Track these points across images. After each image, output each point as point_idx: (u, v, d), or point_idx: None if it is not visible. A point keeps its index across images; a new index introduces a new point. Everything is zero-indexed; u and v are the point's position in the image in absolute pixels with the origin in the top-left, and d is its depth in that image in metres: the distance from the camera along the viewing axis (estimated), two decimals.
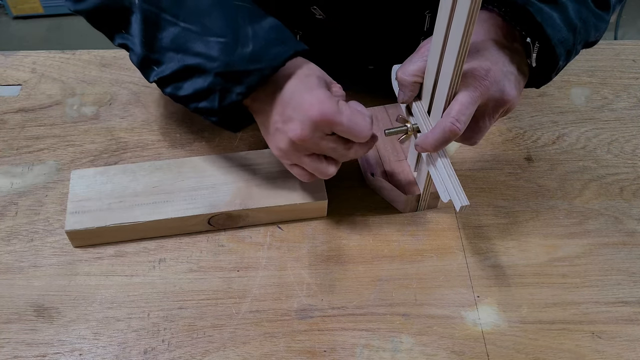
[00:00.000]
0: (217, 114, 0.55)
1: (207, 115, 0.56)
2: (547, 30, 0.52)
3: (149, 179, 0.60)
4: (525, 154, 0.68)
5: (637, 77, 0.79)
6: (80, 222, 0.56)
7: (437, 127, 0.51)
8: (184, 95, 0.55)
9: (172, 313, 0.54)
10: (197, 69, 0.53)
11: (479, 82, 0.51)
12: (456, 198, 0.50)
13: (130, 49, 0.56)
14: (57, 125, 0.69)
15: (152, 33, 0.54)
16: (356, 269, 0.57)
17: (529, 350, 0.52)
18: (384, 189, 0.62)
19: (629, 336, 0.53)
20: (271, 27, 0.53)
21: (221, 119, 0.56)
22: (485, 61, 0.52)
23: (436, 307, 0.55)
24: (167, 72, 0.54)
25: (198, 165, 0.62)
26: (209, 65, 0.52)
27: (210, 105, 0.54)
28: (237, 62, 0.52)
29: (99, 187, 0.59)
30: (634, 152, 0.69)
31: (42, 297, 0.54)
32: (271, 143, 0.55)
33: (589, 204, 0.64)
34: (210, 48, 0.52)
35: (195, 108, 0.55)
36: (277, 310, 0.54)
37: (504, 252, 0.59)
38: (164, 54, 0.54)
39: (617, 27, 2.23)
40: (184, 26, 0.53)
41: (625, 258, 0.59)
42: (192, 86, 0.54)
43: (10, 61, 0.77)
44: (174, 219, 0.57)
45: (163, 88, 0.56)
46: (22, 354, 0.51)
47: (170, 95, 0.56)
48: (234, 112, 0.56)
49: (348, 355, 0.51)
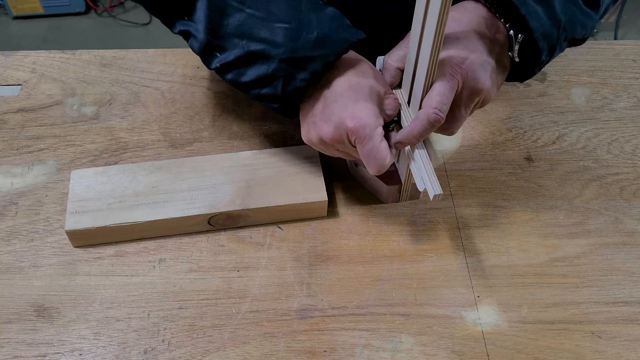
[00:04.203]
0: (279, 100, 0.55)
1: (269, 102, 0.56)
2: (531, 23, 0.52)
3: (148, 179, 0.60)
4: (525, 154, 0.68)
5: (637, 77, 0.79)
6: (80, 222, 0.56)
7: (420, 118, 0.51)
8: (246, 81, 0.55)
9: (172, 313, 0.54)
10: (262, 55, 0.53)
11: (455, 71, 0.51)
12: (430, 187, 0.51)
13: (193, 35, 0.56)
14: (57, 125, 0.69)
15: (218, 19, 0.54)
16: (356, 269, 0.57)
17: (529, 350, 0.52)
18: (366, 179, 0.63)
19: (629, 336, 0.53)
20: (333, 14, 0.54)
21: (283, 105, 0.56)
22: (463, 50, 0.52)
23: (436, 307, 0.55)
24: (230, 58, 0.54)
25: (198, 165, 0.62)
26: (274, 52, 0.53)
27: (273, 92, 0.54)
28: (302, 47, 0.52)
29: (99, 187, 0.59)
30: (634, 152, 0.69)
31: (42, 297, 0.54)
32: (304, 130, 0.57)
33: (589, 204, 0.64)
34: (275, 34, 0.53)
35: (257, 95, 0.56)
36: (277, 310, 0.54)
37: (504, 252, 0.59)
38: (228, 40, 0.54)
39: (617, 27, 2.23)
40: (250, 12, 0.54)
41: (625, 258, 0.59)
42: (255, 72, 0.54)
43: (10, 61, 0.77)
44: (174, 219, 0.57)
45: (224, 74, 0.57)
46: (22, 354, 0.51)
47: (231, 81, 0.56)
48: (296, 99, 0.56)
49: (348, 355, 0.51)
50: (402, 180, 0.60)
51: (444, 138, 0.69)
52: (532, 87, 0.77)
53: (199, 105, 0.72)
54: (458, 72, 0.51)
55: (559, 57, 0.81)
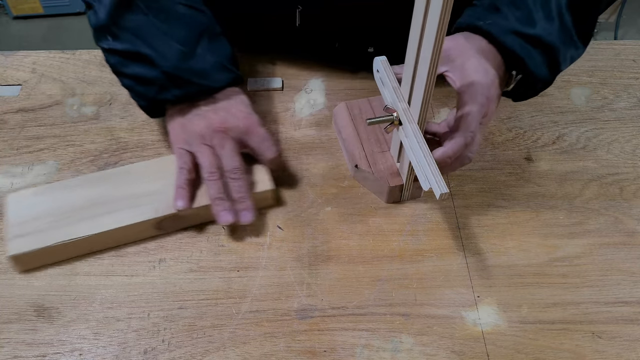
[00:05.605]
0: (148, 101, 0.61)
1: (138, 98, 0.62)
2: (530, 66, 0.57)
3: (89, 192, 0.59)
4: (525, 154, 0.68)
5: (637, 77, 0.79)
6: (23, 246, 0.54)
7: (458, 139, 0.54)
8: (126, 72, 0.60)
9: (172, 313, 0.54)
10: (149, 60, 0.58)
11: (483, 98, 0.54)
12: (436, 186, 0.51)
13: (94, 10, 0.58)
14: (57, 125, 0.69)
15: (122, 10, 0.57)
16: (356, 269, 0.57)
17: (529, 350, 0.52)
18: (367, 180, 0.63)
19: (629, 336, 0.53)
20: (225, 52, 0.61)
21: (148, 106, 0.62)
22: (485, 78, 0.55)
23: (436, 307, 0.55)
24: (119, 47, 0.59)
25: (137, 172, 0.61)
26: (161, 62, 0.58)
27: (145, 92, 0.60)
28: (186, 71, 0.59)
29: (38, 207, 0.57)
30: (634, 152, 0.69)
31: (42, 297, 0.54)
32: (184, 127, 0.61)
33: (589, 204, 0.64)
34: (168, 49, 0.58)
35: (129, 86, 0.61)
36: (277, 310, 0.54)
37: (504, 252, 0.59)
38: (125, 32, 0.58)
39: (617, 27, 2.23)
40: (152, 20, 0.58)
41: (625, 258, 0.59)
42: (137, 70, 0.59)
43: (10, 61, 0.77)
44: (121, 228, 0.56)
45: (108, 56, 0.60)
46: (22, 354, 0.51)
47: (112, 65, 0.60)
48: (162, 105, 0.62)
49: (348, 355, 0.51)
50: (404, 179, 0.60)
51: None
52: None
53: None
54: (484, 99, 0.54)
55: None
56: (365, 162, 0.63)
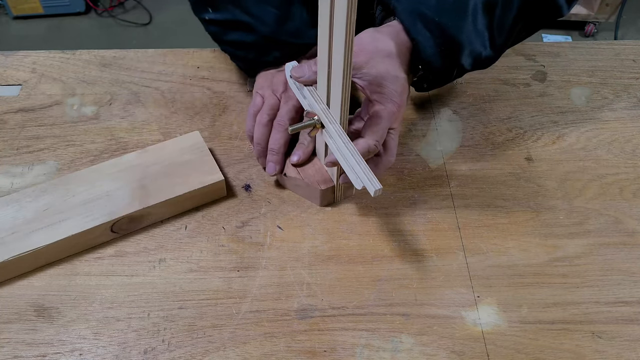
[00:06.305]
0: (248, 63, 0.67)
1: (238, 61, 0.68)
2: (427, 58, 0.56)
3: (36, 203, 0.58)
4: (525, 154, 0.68)
5: (637, 77, 0.79)
6: None
7: (364, 143, 0.54)
8: (226, 39, 0.65)
9: (172, 313, 0.54)
10: (248, 26, 0.63)
11: (394, 106, 0.56)
12: (369, 183, 0.50)
13: None
14: (57, 125, 0.69)
15: None
16: (356, 269, 0.57)
17: (529, 350, 0.52)
18: (298, 186, 0.62)
19: (629, 336, 0.53)
20: (314, 9, 0.60)
21: (247, 66, 0.68)
22: (395, 84, 0.56)
23: (436, 307, 0.55)
24: (219, 17, 0.64)
25: (85, 178, 0.60)
26: (260, 28, 0.62)
27: (246, 55, 0.66)
28: (283, 33, 0.63)
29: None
30: (634, 152, 0.69)
31: (42, 297, 0.54)
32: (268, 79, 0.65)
33: (589, 204, 0.64)
34: (265, 14, 0.62)
35: (230, 50, 0.66)
36: (277, 310, 0.54)
37: (504, 252, 0.59)
38: (223, 3, 0.63)
39: (617, 27, 2.23)
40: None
41: (625, 258, 0.59)
42: (237, 36, 0.64)
43: (10, 61, 0.77)
44: (75, 235, 0.55)
45: (209, 26, 0.66)
46: (22, 354, 0.51)
47: (212, 34, 0.66)
48: (261, 66, 0.66)
49: (348, 355, 0.51)
50: (334, 180, 0.60)
51: (444, 138, 0.69)
52: (532, 87, 0.77)
53: (199, 105, 0.72)
54: (396, 104, 0.56)
55: (558, 57, 0.82)
56: (293, 169, 0.62)
